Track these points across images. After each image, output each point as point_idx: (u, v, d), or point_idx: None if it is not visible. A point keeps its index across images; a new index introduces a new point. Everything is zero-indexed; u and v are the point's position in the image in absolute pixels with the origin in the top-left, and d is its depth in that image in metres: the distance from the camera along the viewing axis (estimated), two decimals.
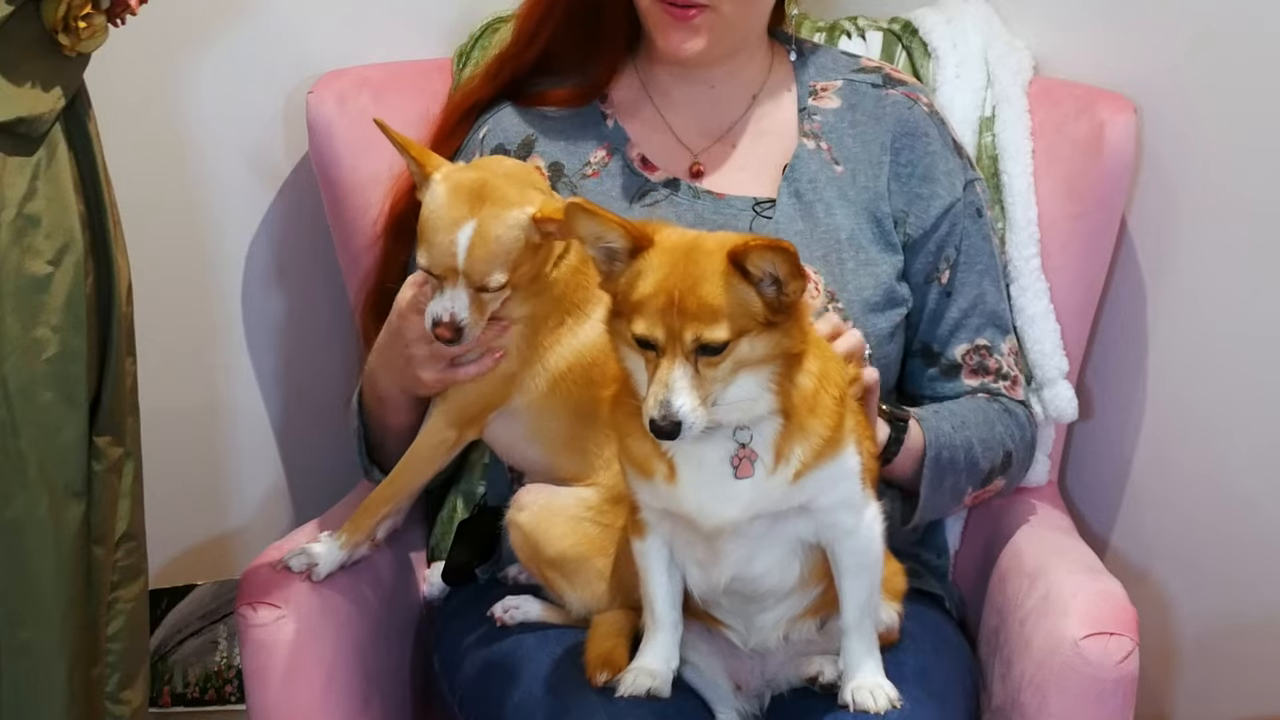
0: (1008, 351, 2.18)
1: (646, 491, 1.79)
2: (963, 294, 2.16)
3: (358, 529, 2.02)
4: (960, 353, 2.16)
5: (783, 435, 1.72)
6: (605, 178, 2.19)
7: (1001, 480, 2.16)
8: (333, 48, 2.46)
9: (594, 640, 1.91)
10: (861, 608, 1.81)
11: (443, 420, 1.98)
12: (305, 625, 1.97)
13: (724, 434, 1.72)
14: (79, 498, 1.92)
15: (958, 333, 2.16)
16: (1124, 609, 1.93)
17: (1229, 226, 2.33)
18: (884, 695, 1.80)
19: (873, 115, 2.19)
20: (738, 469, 1.73)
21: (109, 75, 1.99)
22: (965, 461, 2.09)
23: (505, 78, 2.24)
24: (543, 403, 1.97)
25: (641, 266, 1.69)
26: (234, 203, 2.48)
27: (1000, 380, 2.17)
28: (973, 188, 2.19)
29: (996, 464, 2.13)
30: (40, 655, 1.90)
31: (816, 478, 1.74)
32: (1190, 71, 2.33)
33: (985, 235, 2.19)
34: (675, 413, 1.65)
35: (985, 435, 2.11)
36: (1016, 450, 2.15)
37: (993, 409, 2.14)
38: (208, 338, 2.51)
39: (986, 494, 2.17)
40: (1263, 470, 2.35)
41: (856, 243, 2.12)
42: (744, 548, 1.79)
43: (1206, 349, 2.38)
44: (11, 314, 1.84)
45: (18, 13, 1.80)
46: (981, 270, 2.17)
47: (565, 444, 1.99)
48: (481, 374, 1.95)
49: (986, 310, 2.17)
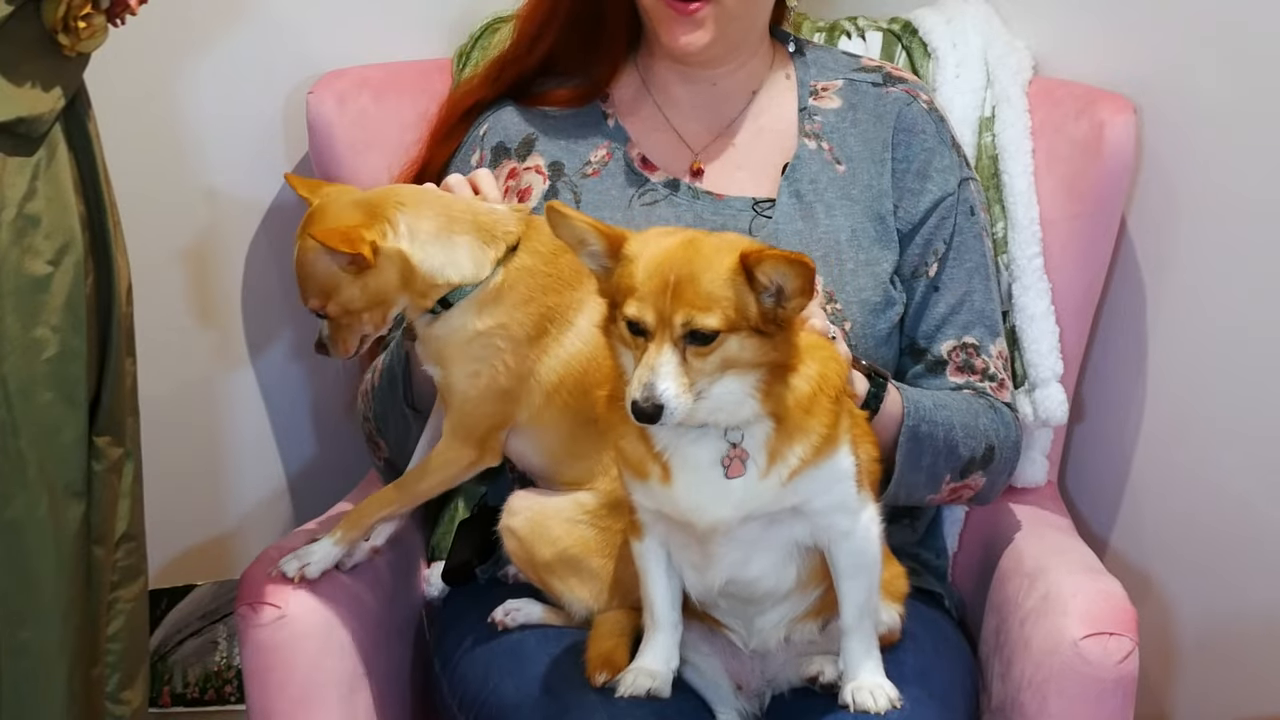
0: (996, 354, 2.16)
1: (641, 492, 1.79)
2: (950, 289, 2.14)
3: (354, 526, 2.01)
4: (946, 349, 2.14)
5: (776, 437, 1.72)
6: (605, 177, 2.19)
7: (982, 477, 2.11)
8: (333, 48, 2.46)
9: (595, 640, 1.91)
10: (860, 609, 1.81)
11: (456, 440, 1.97)
12: (305, 625, 1.97)
13: (716, 434, 1.72)
14: (79, 498, 1.92)
15: (944, 328, 2.14)
16: (1124, 609, 1.93)
17: (1229, 226, 2.33)
18: (884, 695, 1.81)
19: (874, 114, 2.19)
20: (729, 469, 1.73)
21: (109, 75, 1.99)
22: (944, 443, 2.05)
23: (508, 80, 2.24)
24: (544, 414, 1.97)
25: (635, 255, 1.69)
26: (234, 203, 2.48)
27: (987, 381, 2.14)
28: (967, 186, 2.19)
29: (978, 455, 2.09)
30: (40, 655, 1.90)
31: (810, 479, 1.74)
32: (1190, 71, 2.33)
33: (977, 234, 2.18)
34: (658, 395, 1.64)
35: (968, 422, 2.08)
36: (1000, 448, 2.11)
37: (978, 403, 2.11)
38: (208, 338, 2.51)
39: (965, 490, 2.12)
40: (1263, 470, 2.35)
41: (858, 243, 2.12)
42: (737, 551, 1.79)
43: (1206, 349, 2.38)
44: (11, 314, 1.83)
45: (18, 13, 1.79)
46: (971, 268, 2.16)
47: (571, 452, 1.99)
48: None
49: (975, 308, 2.15)
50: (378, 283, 1.91)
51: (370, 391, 2.18)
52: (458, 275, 1.92)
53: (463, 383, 1.95)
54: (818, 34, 2.47)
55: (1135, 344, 2.43)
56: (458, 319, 1.93)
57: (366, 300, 1.93)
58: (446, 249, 1.92)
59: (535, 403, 1.96)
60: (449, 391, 1.96)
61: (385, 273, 1.91)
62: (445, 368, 1.95)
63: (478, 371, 1.94)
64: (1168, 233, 2.38)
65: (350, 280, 1.91)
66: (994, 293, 2.19)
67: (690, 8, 2.09)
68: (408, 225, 1.91)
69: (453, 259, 1.92)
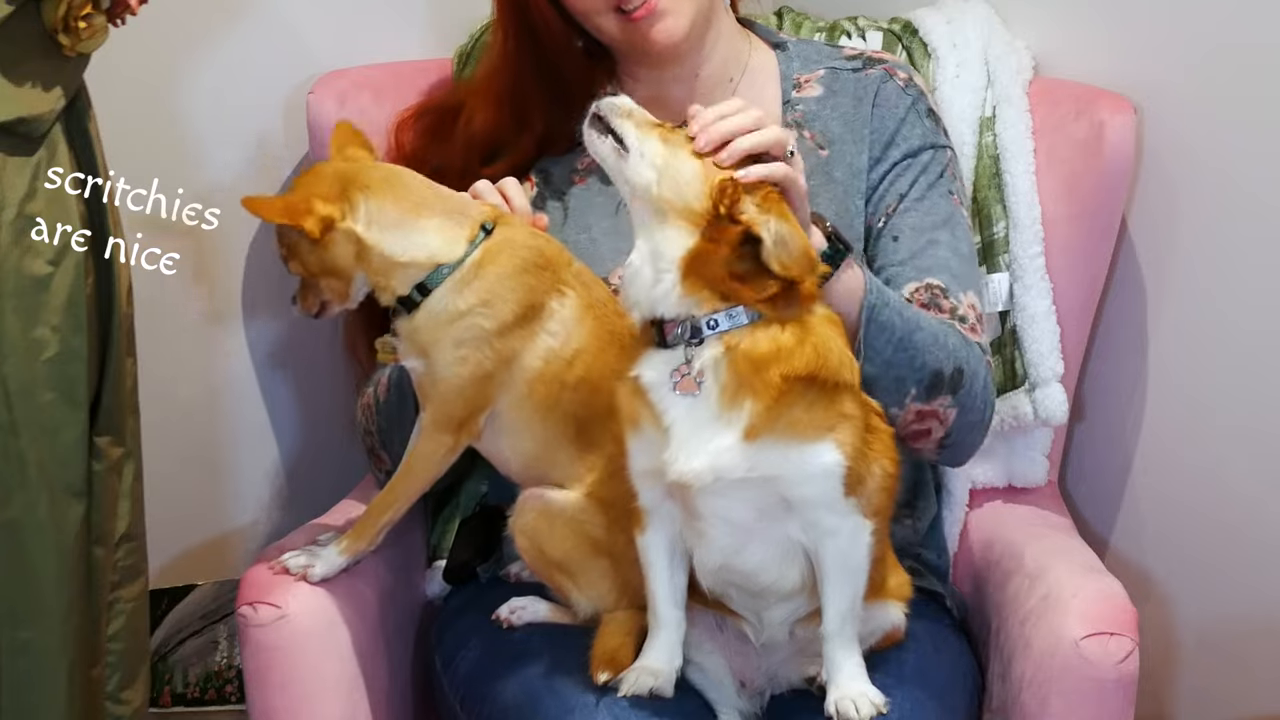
0: (967, 305, 2.06)
1: (637, 450, 1.80)
2: (910, 238, 2.08)
3: (360, 537, 2.01)
4: (909, 290, 2.05)
5: (727, 372, 1.73)
6: (592, 184, 2.18)
7: (951, 406, 1.99)
8: (333, 48, 2.46)
9: (601, 638, 1.92)
10: (843, 615, 1.80)
11: (433, 427, 1.97)
12: (305, 625, 1.97)
13: (680, 355, 1.74)
14: (79, 498, 1.92)
15: (904, 271, 2.07)
16: (1124, 609, 1.93)
17: (1229, 226, 2.33)
18: (867, 703, 1.79)
19: (854, 96, 2.18)
20: (678, 384, 1.74)
21: (109, 75, 1.99)
22: (908, 340, 1.94)
23: (520, 158, 2.21)
24: (524, 406, 1.97)
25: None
26: (234, 202, 2.47)
27: (957, 321, 2.04)
28: (942, 153, 2.15)
29: (945, 371, 1.97)
30: (40, 655, 1.90)
31: (781, 454, 1.74)
32: (1190, 71, 2.33)
33: (944, 195, 2.13)
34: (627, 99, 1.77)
35: (935, 332, 1.97)
36: (970, 377, 1.99)
37: (950, 324, 2.03)
38: (208, 338, 2.51)
39: (932, 419, 2.00)
40: (1263, 469, 2.35)
41: (841, 225, 2.11)
42: (727, 535, 1.79)
43: (1206, 349, 2.38)
44: (12, 314, 1.84)
45: (18, 13, 1.80)
46: (936, 221, 2.09)
47: (546, 458, 1.99)
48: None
49: (939, 257, 2.07)
50: (331, 255, 1.93)
51: (374, 405, 2.17)
52: (424, 254, 1.92)
53: (448, 369, 1.93)
54: (818, 34, 2.47)
55: (1135, 344, 2.43)
56: (438, 302, 1.92)
57: (320, 268, 1.94)
58: (408, 232, 1.93)
59: (518, 390, 1.95)
60: (432, 382, 1.95)
61: (339, 247, 1.93)
62: (430, 355, 1.94)
63: (464, 356, 1.92)
64: (1168, 233, 2.38)
65: (308, 246, 1.93)
66: (964, 251, 2.11)
67: (648, 5, 2.08)
68: (368, 208, 1.92)
69: (418, 241, 1.93)
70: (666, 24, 2.10)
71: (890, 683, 1.84)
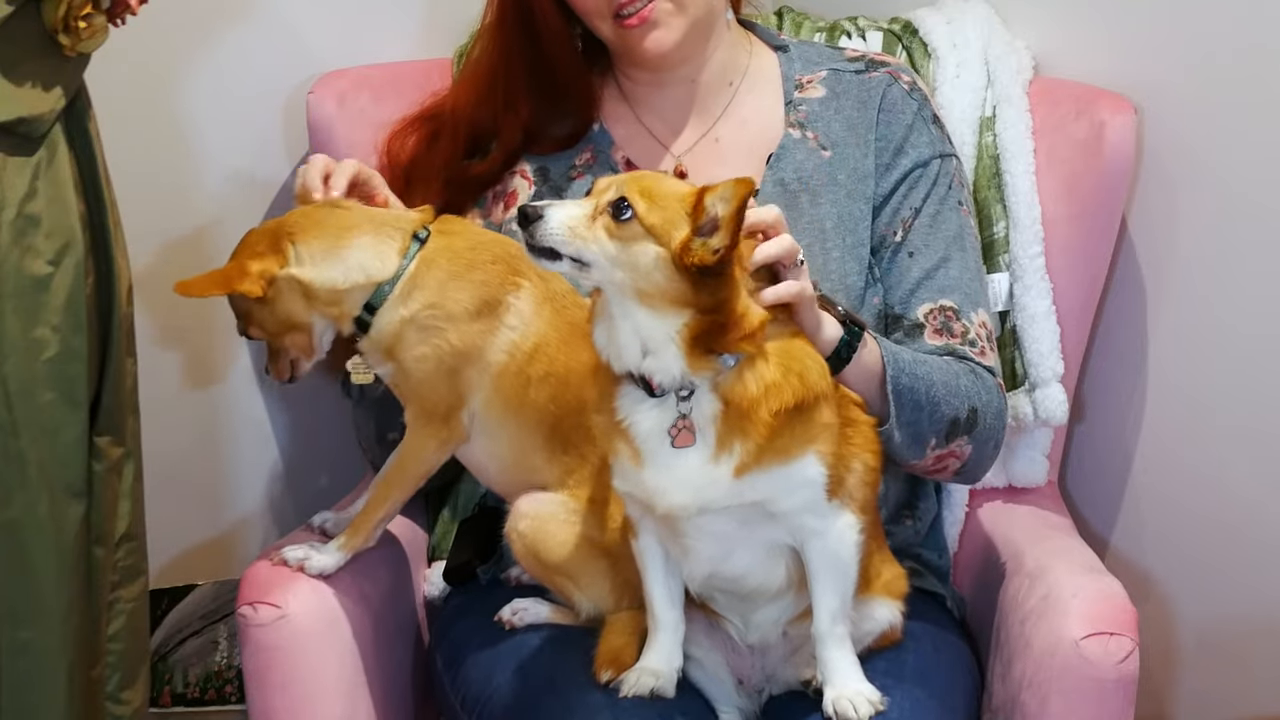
0: (978, 323, 2.10)
1: (619, 474, 1.80)
2: (925, 254, 2.11)
3: (357, 533, 2.02)
4: (923, 312, 2.10)
5: (723, 422, 1.73)
6: (590, 180, 2.19)
7: (967, 444, 2.05)
8: (333, 48, 2.46)
9: (606, 638, 1.92)
10: (834, 614, 1.81)
11: (416, 422, 1.99)
12: (305, 625, 1.97)
13: (670, 406, 1.73)
14: (79, 498, 1.92)
15: (919, 292, 2.10)
16: (1124, 609, 1.93)
17: (1229, 226, 2.33)
18: (865, 702, 1.79)
19: (858, 99, 2.19)
20: (675, 438, 1.74)
21: (109, 75, 1.99)
22: (926, 399, 1.99)
23: (504, 154, 2.23)
24: (493, 405, 1.98)
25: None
26: (234, 203, 2.48)
27: (967, 345, 2.08)
28: (949, 161, 2.17)
29: (961, 417, 2.03)
30: (40, 655, 1.90)
31: (767, 479, 1.74)
32: (1190, 72, 2.33)
33: (954, 207, 2.15)
34: (544, 211, 1.69)
35: (948, 380, 2.02)
36: (984, 412, 2.05)
37: (958, 365, 2.06)
38: (208, 338, 2.51)
39: (951, 458, 2.05)
40: (1263, 470, 2.35)
41: (844, 228, 2.12)
42: (713, 545, 1.80)
43: (1206, 349, 2.38)
44: (12, 314, 1.84)
45: (18, 13, 1.80)
46: (949, 237, 2.12)
47: (523, 464, 2.00)
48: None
49: (951, 275, 2.11)
50: (283, 308, 1.98)
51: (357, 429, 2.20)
52: (361, 275, 1.96)
53: (412, 366, 1.97)
54: (818, 34, 2.47)
55: (1135, 344, 2.43)
56: (385, 316, 1.96)
57: (278, 325, 1.99)
58: (341, 259, 1.96)
59: (487, 389, 1.97)
60: (404, 381, 1.98)
61: (287, 297, 1.97)
62: (394, 359, 1.98)
63: (423, 354, 1.96)
64: (1167, 233, 2.38)
65: (259, 307, 1.97)
66: (973, 266, 2.14)
67: (642, 14, 2.09)
68: (298, 251, 1.96)
69: (353, 264, 1.96)
70: (658, 34, 2.11)
71: (890, 683, 1.85)
